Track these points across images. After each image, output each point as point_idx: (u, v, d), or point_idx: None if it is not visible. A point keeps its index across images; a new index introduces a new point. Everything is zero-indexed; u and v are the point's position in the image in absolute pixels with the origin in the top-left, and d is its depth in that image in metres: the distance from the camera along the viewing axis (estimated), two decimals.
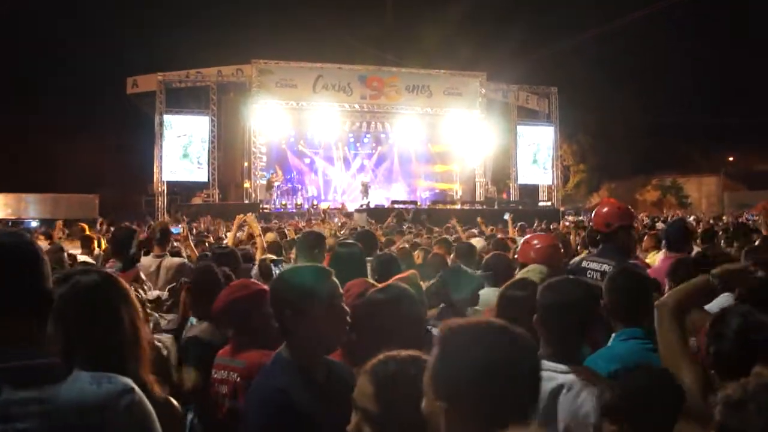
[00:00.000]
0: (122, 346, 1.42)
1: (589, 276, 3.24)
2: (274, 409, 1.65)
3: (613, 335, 2.20)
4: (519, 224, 8.81)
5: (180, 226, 8.03)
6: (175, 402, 1.54)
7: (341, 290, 1.82)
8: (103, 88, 25.35)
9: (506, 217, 8.74)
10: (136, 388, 1.18)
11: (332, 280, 1.80)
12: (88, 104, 27.23)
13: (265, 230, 7.83)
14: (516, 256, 3.60)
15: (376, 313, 1.89)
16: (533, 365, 1.12)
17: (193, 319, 3.10)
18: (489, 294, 3.33)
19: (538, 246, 3.15)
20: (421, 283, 2.69)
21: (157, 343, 2.13)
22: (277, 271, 3.16)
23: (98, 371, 1.16)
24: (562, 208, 21.53)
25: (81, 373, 1.14)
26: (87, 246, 6.17)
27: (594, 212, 3.61)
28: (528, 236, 3.41)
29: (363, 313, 1.92)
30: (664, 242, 4.35)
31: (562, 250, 3.26)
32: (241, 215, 5.99)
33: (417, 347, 1.39)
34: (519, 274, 2.68)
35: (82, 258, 5.28)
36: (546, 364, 1.78)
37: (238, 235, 6.55)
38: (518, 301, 2.15)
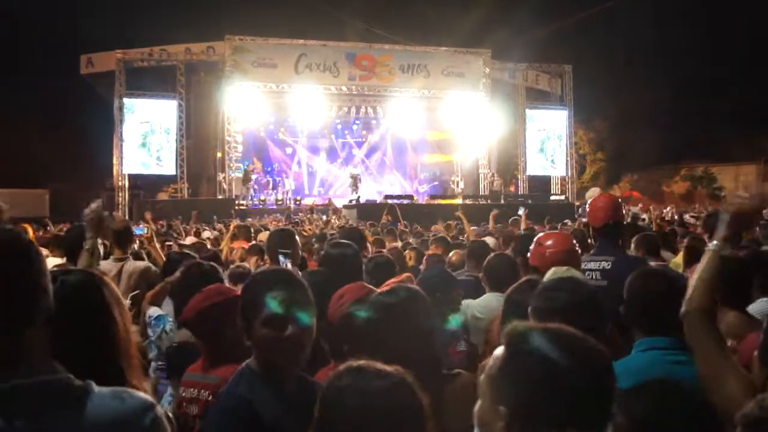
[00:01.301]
0: (118, 352, 1.44)
1: (588, 276, 3.28)
2: (235, 418, 1.69)
3: (634, 346, 2.20)
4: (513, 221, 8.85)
5: (144, 225, 8.06)
6: (170, 415, 1.59)
7: (303, 308, 1.79)
8: (53, 68, 25.08)
9: (520, 212, 8.90)
10: (156, 403, 1.23)
11: (286, 291, 1.78)
12: (36, 86, 27.01)
13: (256, 231, 7.98)
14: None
15: (381, 321, 1.89)
16: (604, 374, 1.17)
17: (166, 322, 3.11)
18: (491, 300, 3.38)
19: (551, 251, 3.11)
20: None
21: None
22: (287, 264, 3.17)
23: (93, 373, 1.21)
24: (577, 203, 21.44)
25: (102, 389, 1.18)
26: None
27: (589, 207, 3.73)
28: (540, 235, 3.32)
29: (363, 322, 1.91)
30: (706, 237, 4.38)
31: (579, 252, 3.21)
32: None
33: (425, 366, 1.41)
34: (549, 276, 2.63)
35: None
36: None
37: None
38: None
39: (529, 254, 3.24)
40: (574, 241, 3.25)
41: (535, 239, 3.27)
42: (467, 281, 3.80)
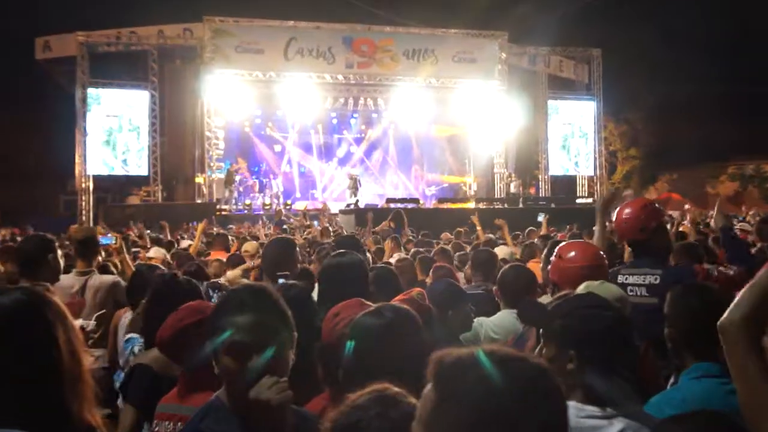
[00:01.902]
0: (60, 380, 1.42)
1: (630, 293, 3.25)
2: None
3: (683, 373, 2.20)
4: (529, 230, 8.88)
5: (112, 235, 8.11)
6: None
7: (273, 334, 1.78)
8: (2, 52, 24.49)
9: (540, 218, 9.01)
10: None
11: (253, 313, 1.78)
12: None
13: (242, 240, 7.98)
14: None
15: (365, 344, 1.92)
16: (554, 408, 1.12)
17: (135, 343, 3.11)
18: (506, 318, 3.39)
19: (572, 265, 3.00)
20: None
21: None
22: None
23: (32, 413, 1.19)
24: None
25: None
26: None
27: (616, 219, 3.66)
28: (562, 245, 3.23)
29: (349, 346, 1.94)
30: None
31: (607, 267, 3.13)
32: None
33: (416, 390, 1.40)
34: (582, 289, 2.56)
35: None
36: (582, 408, 1.80)
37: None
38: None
39: (549, 266, 3.18)
40: (602, 253, 3.16)
41: (555, 250, 3.18)
42: (478, 295, 3.80)
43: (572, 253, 3.07)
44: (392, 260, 5.65)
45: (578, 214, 15.27)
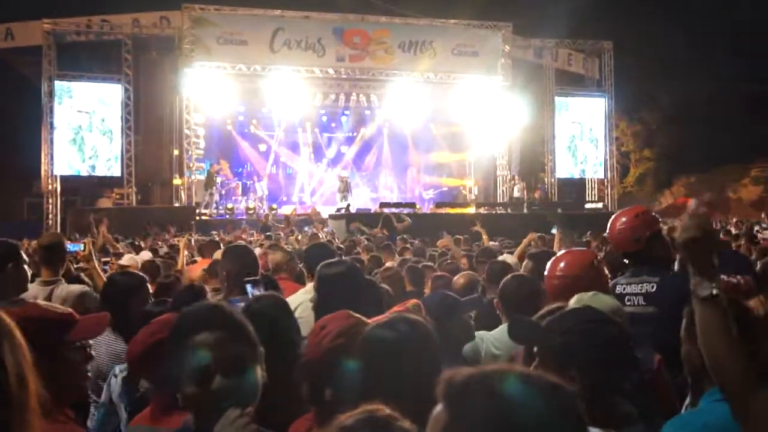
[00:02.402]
0: (6, 408, 1.35)
1: (628, 303, 3.33)
2: None
3: (704, 396, 2.18)
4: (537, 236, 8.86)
5: (80, 242, 8.07)
6: None
7: (238, 354, 1.80)
8: None
9: (554, 232, 9.16)
10: None
11: (214, 333, 1.80)
12: None
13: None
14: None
15: (373, 358, 1.90)
16: (572, 427, 1.13)
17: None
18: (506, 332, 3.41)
19: (557, 275, 3.10)
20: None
21: None
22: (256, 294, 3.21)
23: None
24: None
25: None
26: None
27: (610, 230, 3.70)
28: (558, 255, 3.34)
29: (353, 361, 1.93)
30: None
31: (598, 278, 3.14)
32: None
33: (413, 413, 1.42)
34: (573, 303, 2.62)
35: None
36: None
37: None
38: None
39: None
40: (594, 262, 3.22)
41: (550, 262, 3.26)
42: (473, 302, 3.80)
43: (562, 263, 3.17)
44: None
45: (586, 220, 15.28)
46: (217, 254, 6.64)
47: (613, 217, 3.78)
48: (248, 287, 3.36)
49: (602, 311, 2.14)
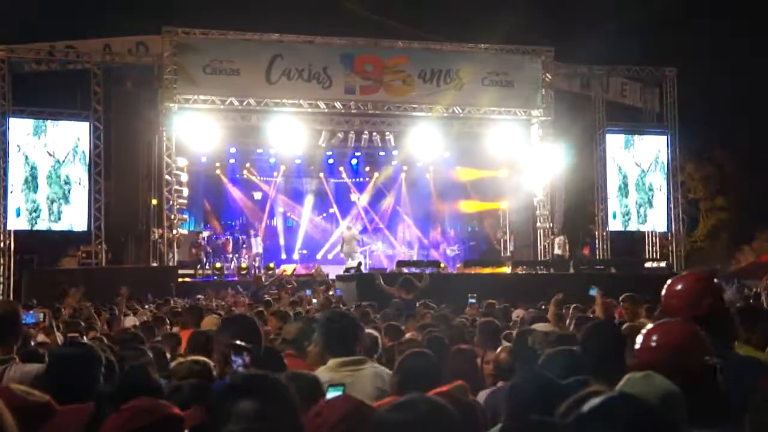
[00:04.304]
0: None
1: None
2: None
3: None
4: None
5: (39, 311, 8.28)
6: None
7: None
8: None
9: (593, 293, 9.37)
10: None
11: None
12: None
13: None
14: None
15: None
16: None
17: None
18: None
19: (648, 347, 3.00)
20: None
21: None
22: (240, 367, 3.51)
23: None
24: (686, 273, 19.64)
25: None
26: None
27: (665, 294, 3.83)
28: (655, 325, 3.19)
29: None
30: None
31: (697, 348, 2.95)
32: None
33: None
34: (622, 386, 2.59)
35: None
36: None
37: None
38: None
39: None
40: (693, 333, 3.09)
41: (645, 330, 3.23)
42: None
43: (655, 336, 3.08)
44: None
45: (646, 282, 14.24)
46: (206, 322, 6.92)
47: (670, 282, 3.83)
48: (234, 359, 3.45)
49: (640, 401, 1.94)
